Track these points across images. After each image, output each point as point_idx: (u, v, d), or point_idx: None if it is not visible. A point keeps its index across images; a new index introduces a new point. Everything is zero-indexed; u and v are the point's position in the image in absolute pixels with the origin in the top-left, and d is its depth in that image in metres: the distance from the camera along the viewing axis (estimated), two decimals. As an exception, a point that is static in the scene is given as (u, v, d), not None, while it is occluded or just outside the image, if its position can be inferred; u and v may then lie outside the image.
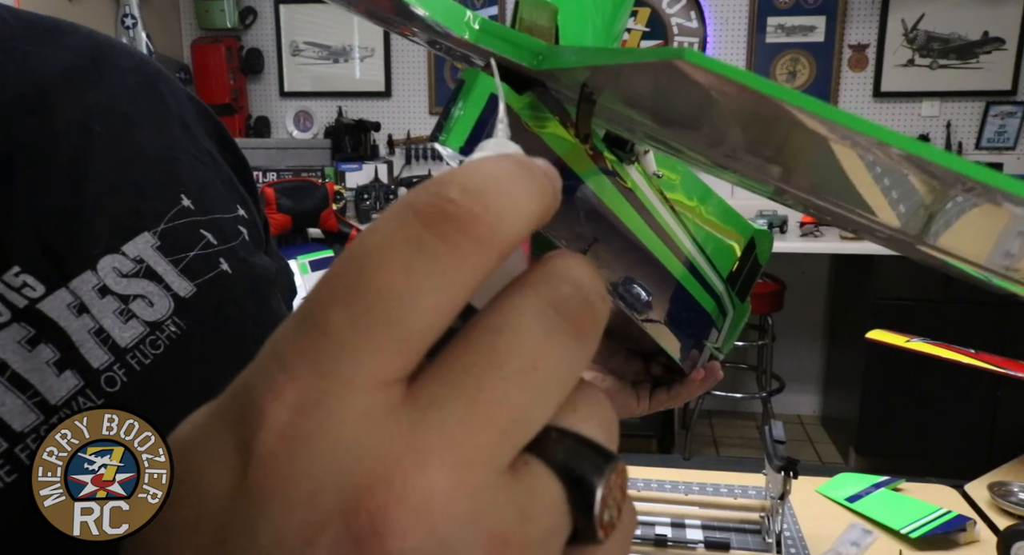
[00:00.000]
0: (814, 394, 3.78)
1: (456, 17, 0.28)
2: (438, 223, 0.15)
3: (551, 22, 0.33)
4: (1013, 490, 1.25)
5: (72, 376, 0.34)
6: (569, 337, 0.16)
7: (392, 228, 0.15)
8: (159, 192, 0.41)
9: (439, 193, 0.15)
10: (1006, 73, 3.41)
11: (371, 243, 0.15)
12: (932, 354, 1.40)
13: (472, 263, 0.15)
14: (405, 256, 0.15)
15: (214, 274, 0.41)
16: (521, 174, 0.16)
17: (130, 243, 0.38)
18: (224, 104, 3.71)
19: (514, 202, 0.16)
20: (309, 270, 2.84)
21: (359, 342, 0.15)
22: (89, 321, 0.35)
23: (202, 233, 0.41)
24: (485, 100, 0.32)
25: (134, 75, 0.44)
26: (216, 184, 0.45)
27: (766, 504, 1.11)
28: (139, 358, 0.36)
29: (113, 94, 0.42)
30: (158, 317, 0.37)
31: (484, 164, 0.16)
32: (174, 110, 0.45)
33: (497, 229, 0.16)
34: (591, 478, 0.16)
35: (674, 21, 3.58)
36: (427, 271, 0.15)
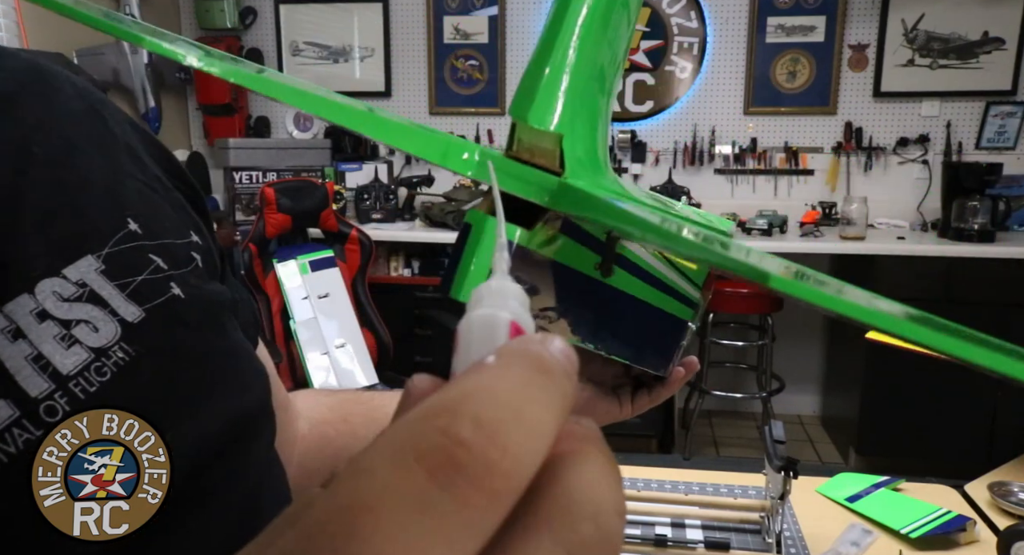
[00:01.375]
0: (814, 394, 3.78)
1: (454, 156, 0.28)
2: (447, 474, 0.13)
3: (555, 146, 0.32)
4: (1013, 490, 1.24)
5: (6, 406, 0.32)
6: None
7: (392, 477, 0.13)
8: (104, 215, 0.39)
9: (448, 432, 0.13)
10: (1006, 73, 3.41)
11: (366, 494, 0.13)
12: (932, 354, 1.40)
13: (484, 522, 0.13)
14: (406, 517, 0.13)
15: (165, 299, 0.39)
16: (539, 385, 0.14)
17: (72, 266, 0.36)
18: (224, 104, 3.72)
19: (534, 433, 0.14)
20: (309, 270, 2.84)
21: None
22: (26, 347, 0.33)
23: (151, 257, 0.40)
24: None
25: (77, 101, 0.43)
26: (166, 209, 0.44)
27: (766, 504, 1.11)
28: (83, 386, 0.34)
29: (54, 118, 0.40)
30: (104, 343, 0.35)
31: (500, 385, 0.14)
32: (119, 136, 0.44)
33: (514, 476, 0.13)
34: None
35: (674, 21, 3.58)
36: (432, 537, 0.13)
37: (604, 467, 0.15)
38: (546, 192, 0.28)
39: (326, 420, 0.63)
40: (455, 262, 0.32)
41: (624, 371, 0.58)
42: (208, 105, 3.75)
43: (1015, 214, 3.34)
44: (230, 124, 3.75)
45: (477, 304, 0.17)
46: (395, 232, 3.31)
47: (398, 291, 3.30)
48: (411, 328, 3.24)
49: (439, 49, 3.77)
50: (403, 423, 0.14)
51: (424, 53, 3.78)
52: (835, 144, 3.56)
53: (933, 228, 3.34)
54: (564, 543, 0.14)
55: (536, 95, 0.34)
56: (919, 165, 3.53)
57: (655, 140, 3.70)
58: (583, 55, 0.36)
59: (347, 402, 0.66)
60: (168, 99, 3.62)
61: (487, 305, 0.17)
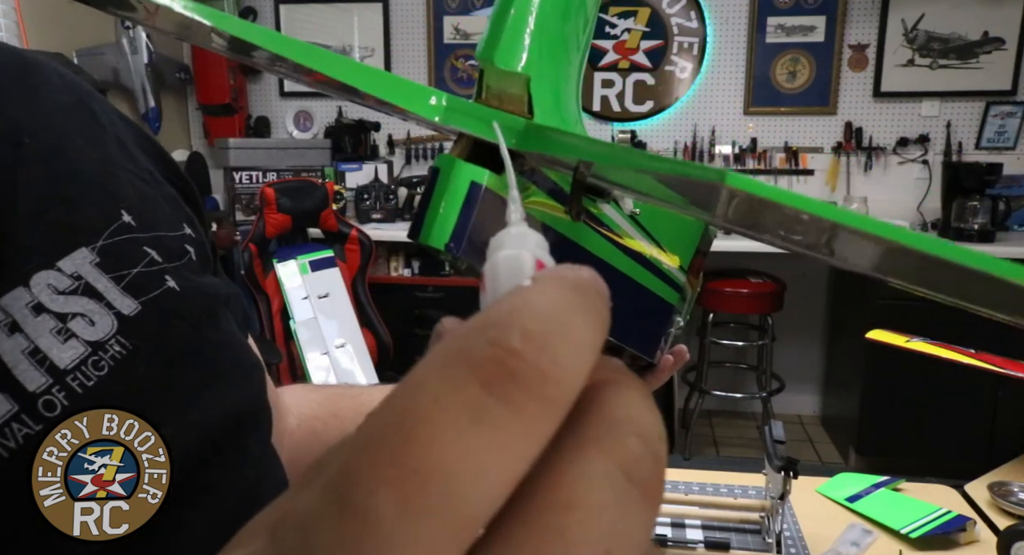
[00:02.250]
0: (814, 394, 3.78)
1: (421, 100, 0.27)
2: (500, 384, 0.13)
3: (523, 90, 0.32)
4: (1013, 490, 1.24)
5: (5, 400, 0.32)
6: (642, 507, 0.14)
7: (445, 389, 0.13)
8: (97, 207, 0.39)
9: (498, 343, 0.13)
10: (1006, 73, 3.41)
11: (420, 406, 0.13)
12: (932, 354, 1.40)
13: (538, 430, 0.13)
14: (462, 426, 0.13)
15: (160, 292, 0.38)
16: (579, 304, 0.14)
17: (66, 259, 0.36)
18: (224, 104, 3.71)
19: (580, 346, 0.14)
20: (309, 270, 2.84)
21: (410, 533, 0.12)
22: (23, 341, 0.33)
23: (145, 250, 0.39)
24: (465, 190, 0.30)
25: (65, 93, 0.42)
26: (159, 202, 0.43)
27: (766, 504, 1.11)
28: (81, 380, 0.34)
29: (43, 111, 0.40)
30: (100, 336, 0.35)
31: (544, 298, 0.14)
32: (108, 129, 0.43)
33: (565, 385, 0.13)
34: None
35: (674, 21, 3.58)
36: (488, 445, 0.13)
37: (642, 392, 0.15)
38: (513, 134, 0.28)
39: (315, 415, 0.63)
40: (424, 207, 0.31)
41: None
42: (208, 105, 3.75)
43: (1015, 214, 3.34)
44: (230, 124, 3.75)
45: (499, 248, 0.17)
46: (395, 232, 3.31)
47: (398, 291, 3.30)
48: (411, 328, 3.24)
49: (439, 49, 3.77)
50: (451, 339, 0.14)
51: (424, 53, 3.78)
52: (835, 144, 3.56)
53: (933, 228, 3.34)
54: (615, 458, 0.14)
55: (502, 36, 0.34)
56: (919, 165, 3.53)
57: (655, 140, 3.69)
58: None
59: (336, 397, 0.65)
60: (168, 99, 3.62)
61: (509, 247, 0.17)
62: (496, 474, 0.13)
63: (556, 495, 0.13)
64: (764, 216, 0.20)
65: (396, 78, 0.28)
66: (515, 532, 0.13)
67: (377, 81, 0.27)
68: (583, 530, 0.13)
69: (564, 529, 0.13)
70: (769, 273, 3.30)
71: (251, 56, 0.30)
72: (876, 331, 1.51)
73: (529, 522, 0.13)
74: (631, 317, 0.44)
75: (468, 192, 0.30)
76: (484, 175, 0.30)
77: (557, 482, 0.14)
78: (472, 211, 0.30)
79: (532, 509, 0.13)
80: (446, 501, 0.12)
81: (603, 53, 3.62)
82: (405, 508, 0.12)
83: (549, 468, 0.14)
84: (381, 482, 0.12)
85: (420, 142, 3.81)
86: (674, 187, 0.22)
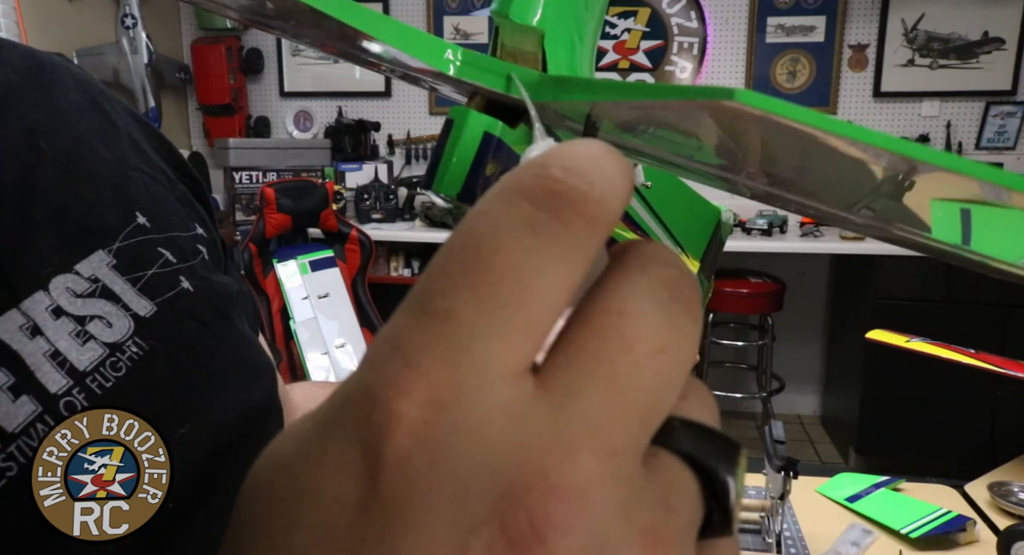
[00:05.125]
0: (814, 394, 3.78)
1: (436, 53, 0.27)
2: (549, 202, 0.15)
3: (537, 47, 0.32)
4: (1013, 490, 1.24)
5: (29, 401, 0.32)
6: (686, 318, 0.16)
7: (502, 211, 0.15)
8: (112, 209, 0.39)
9: (542, 174, 0.15)
10: (1006, 73, 3.41)
11: (483, 225, 0.15)
12: (932, 354, 1.40)
13: (586, 241, 0.15)
14: (522, 236, 0.14)
15: (175, 293, 0.39)
16: (609, 155, 0.16)
17: (83, 262, 0.36)
18: (224, 104, 3.71)
19: (613, 180, 0.16)
20: (309, 270, 2.84)
21: (488, 328, 0.14)
22: (44, 344, 0.33)
23: (160, 251, 0.40)
24: (478, 141, 0.30)
25: (78, 94, 0.43)
26: (172, 202, 0.44)
27: (766, 504, 1.11)
28: (99, 381, 0.34)
29: (57, 112, 0.40)
30: (118, 338, 0.36)
31: (576, 146, 0.16)
32: (122, 129, 0.44)
33: (604, 206, 0.15)
34: (724, 469, 0.16)
35: (674, 21, 3.58)
36: (547, 251, 0.14)
37: (672, 250, 0.17)
38: (528, 86, 0.28)
39: None
40: (437, 157, 0.31)
41: None
42: (208, 105, 3.75)
43: (1015, 214, 3.34)
44: (230, 124, 3.75)
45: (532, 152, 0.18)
46: (395, 232, 3.31)
47: (398, 291, 3.30)
48: (411, 328, 3.23)
49: (439, 49, 3.76)
50: (502, 180, 0.16)
51: (424, 53, 3.78)
52: (835, 144, 3.56)
53: (933, 228, 3.33)
54: (658, 279, 0.16)
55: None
56: (919, 165, 3.53)
57: (655, 140, 3.69)
58: None
59: None
60: (168, 99, 3.62)
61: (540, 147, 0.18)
62: (555, 276, 0.14)
63: (610, 305, 0.15)
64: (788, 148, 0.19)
65: (412, 29, 0.28)
66: (578, 335, 0.15)
67: (392, 30, 0.27)
68: (639, 331, 0.15)
69: (622, 329, 0.15)
70: (769, 273, 3.30)
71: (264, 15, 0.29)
72: (876, 331, 1.51)
73: (590, 327, 0.15)
74: None
75: (481, 142, 0.30)
76: (498, 126, 0.30)
77: (611, 296, 0.16)
78: (484, 161, 0.30)
79: (591, 318, 0.15)
80: (515, 297, 0.14)
81: (603, 53, 3.61)
82: (480, 305, 0.14)
83: (601, 288, 0.16)
84: (458, 287, 0.14)
85: (420, 142, 3.80)
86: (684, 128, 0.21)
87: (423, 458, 0.13)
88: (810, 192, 0.22)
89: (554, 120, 0.30)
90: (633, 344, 0.15)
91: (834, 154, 0.17)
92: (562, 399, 0.14)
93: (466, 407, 0.14)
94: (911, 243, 0.21)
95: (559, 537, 0.13)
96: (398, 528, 0.13)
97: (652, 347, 0.15)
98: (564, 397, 0.14)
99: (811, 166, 0.20)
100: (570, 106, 0.25)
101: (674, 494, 0.15)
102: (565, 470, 0.14)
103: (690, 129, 0.21)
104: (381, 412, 0.14)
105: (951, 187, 0.17)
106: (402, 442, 0.14)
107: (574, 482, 0.13)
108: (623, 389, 0.15)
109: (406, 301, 0.15)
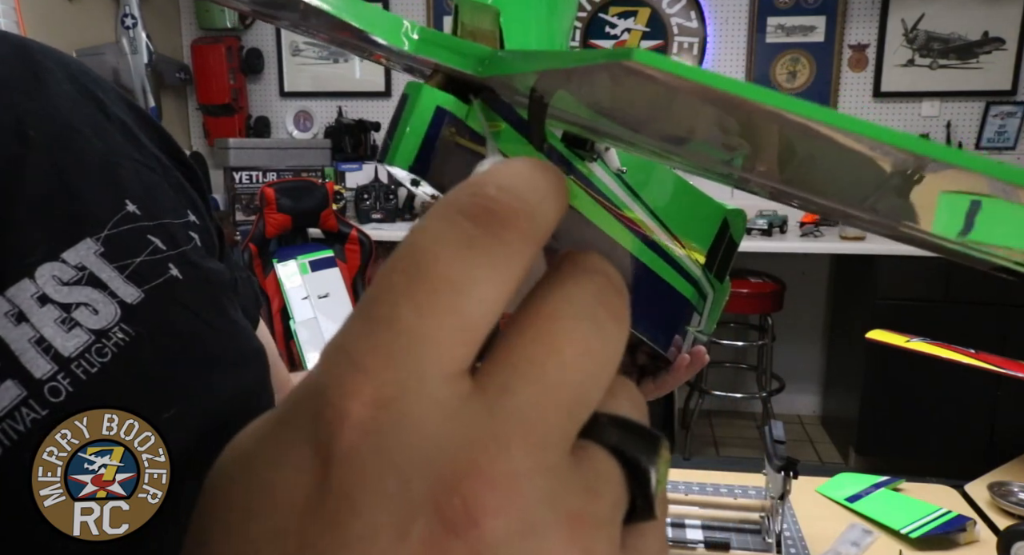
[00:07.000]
0: (814, 394, 3.78)
1: (393, 29, 0.28)
2: (483, 219, 0.16)
3: (494, 25, 0.32)
4: (1013, 490, 1.25)
5: (14, 386, 0.33)
6: (612, 323, 0.17)
7: (442, 227, 0.16)
8: (101, 198, 0.40)
9: (478, 193, 0.17)
10: (1006, 73, 3.41)
11: (424, 241, 0.16)
12: (932, 354, 1.40)
13: (519, 253, 0.16)
14: (459, 250, 0.16)
15: (163, 280, 0.39)
16: (540, 172, 0.18)
17: (71, 250, 0.37)
18: (224, 104, 3.71)
19: (544, 196, 0.17)
20: (309, 270, 2.84)
21: (428, 332, 0.15)
22: (29, 330, 0.34)
23: (149, 238, 0.40)
24: (431, 114, 0.31)
25: (71, 82, 0.43)
26: (164, 189, 0.44)
27: (766, 504, 1.11)
28: (85, 367, 0.35)
29: (49, 101, 0.41)
30: (103, 325, 0.36)
31: (512, 165, 0.17)
32: (115, 116, 0.44)
33: (535, 221, 0.17)
34: (645, 459, 0.17)
35: (674, 21, 3.58)
36: (481, 262, 0.16)
37: (606, 260, 0.19)
38: (479, 62, 0.28)
39: None
40: (392, 131, 0.32)
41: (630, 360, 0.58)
42: (208, 105, 3.75)
43: (1015, 214, 3.34)
44: (230, 124, 3.75)
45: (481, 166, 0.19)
46: (395, 232, 3.31)
47: (398, 291, 3.30)
48: (411, 328, 3.23)
49: (439, 49, 3.77)
50: (440, 201, 0.17)
51: (424, 53, 3.78)
52: (835, 144, 3.56)
53: (933, 228, 3.34)
54: (587, 288, 0.17)
55: None
56: (919, 165, 3.53)
57: (655, 140, 3.69)
58: None
59: None
60: (168, 99, 3.62)
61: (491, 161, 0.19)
62: (489, 286, 0.16)
63: (541, 310, 0.17)
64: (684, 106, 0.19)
65: (370, 6, 0.28)
66: (512, 339, 0.17)
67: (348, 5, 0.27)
68: (566, 334, 0.17)
69: (552, 333, 0.17)
70: (769, 273, 3.30)
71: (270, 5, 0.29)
72: (876, 331, 1.51)
73: (523, 331, 0.17)
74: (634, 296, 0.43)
75: (434, 115, 0.30)
76: (450, 101, 0.30)
77: (542, 303, 0.17)
78: (437, 134, 0.30)
79: (524, 323, 0.17)
80: (453, 306, 0.15)
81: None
82: (420, 312, 0.15)
83: (535, 296, 0.17)
84: (400, 296, 0.16)
85: (420, 142, 3.80)
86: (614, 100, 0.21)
87: (369, 451, 0.15)
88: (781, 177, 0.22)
89: (510, 96, 0.30)
90: (561, 346, 0.16)
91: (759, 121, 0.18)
92: (496, 397, 0.16)
93: (408, 405, 0.15)
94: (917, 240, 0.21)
95: (491, 521, 0.14)
96: (346, 515, 0.14)
97: (579, 349, 0.16)
98: (498, 395, 0.16)
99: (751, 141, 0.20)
100: (519, 80, 0.25)
101: (599, 482, 0.16)
102: (497, 461, 0.15)
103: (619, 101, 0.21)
104: (331, 410, 0.15)
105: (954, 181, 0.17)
106: (350, 437, 0.15)
107: (505, 471, 0.15)
108: (551, 387, 0.16)
109: (355, 309, 0.16)
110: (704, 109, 0.18)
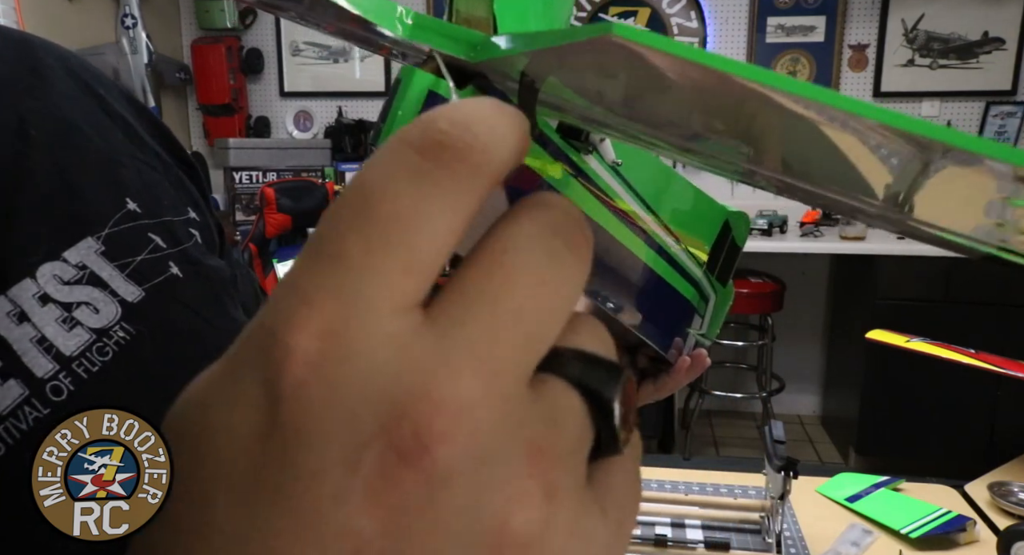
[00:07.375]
0: (814, 394, 3.78)
1: (387, 14, 0.28)
2: (434, 153, 0.16)
3: (488, 12, 0.33)
4: (1013, 490, 1.25)
5: (17, 385, 0.33)
6: (568, 254, 0.17)
7: (391, 161, 0.16)
8: (102, 197, 0.40)
9: (429, 127, 0.16)
10: (1006, 73, 3.41)
11: (373, 176, 0.16)
12: (932, 354, 1.40)
13: (470, 187, 0.16)
14: (408, 184, 0.16)
15: (163, 278, 0.40)
16: (498, 110, 0.17)
17: (72, 249, 0.37)
18: (224, 104, 3.71)
19: (499, 132, 0.17)
20: (309, 270, 2.84)
21: (376, 267, 0.15)
22: (31, 330, 0.34)
23: (150, 237, 0.40)
24: (423, 97, 0.31)
25: (71, 79, 0.43)
26: (164, 186, 0.44)
27: (766, 504, 1.12)
28: (86, 366, 0.35)
29: (50, 99, 0.41)
30: (104, 324, 0.36)
31: (465, 103, 0.17)
32: (116, 113, 0.44)
33: (488, 155, 0.16)
34: (607, 390, 0.17)
35: (674, 21, 3.58)
36: (431, 196, 0.16)
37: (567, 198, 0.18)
38: (470, 47, 0.28)
39: None
40: (384, 114, 0.32)
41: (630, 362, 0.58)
42: (208, 105, 3.75)
43: (1015, 214, 3.34)
44: (230, 124, 3.75)
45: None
46: (395, 232, 3.31)
47: (398, 291, 3.30)
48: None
49: (439, 49, 3.77)
50: (392, 135, 0.16)
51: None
52: (835, 144, 3.56)
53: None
54: (542, 222, 0.17)
55: None
56: (919, 165, 3.53)
57: (655, 140, 3.70)
58: None
59: None
60: (168, 99, 3.62)
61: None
62: (439, 220, 0.16)
63: (495, 245, 0.17)
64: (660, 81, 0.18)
65: None
66: (465, 273, 0.16)
67: None
68: (520, 265, 0.16)
69: (505, 264, 0.16)
70: (769, 273, 3.30)
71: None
72: (876, 331, 1.51)
73: (476, 265, 0.16)
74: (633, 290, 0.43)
75: (426, 99, 0.31)
76: (442, 85, 0.30)
77: (496, 236, 0.17)
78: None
79: (478, 257, 0.16)
80: (402, 240, 0.15)
81: (603, 53, 3.62)
82: (368, 246, 0.15)
83: (490, 231, 0.17)
84: (348, 231, 0.15)
85: (420, 142, 3.81)
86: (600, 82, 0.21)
87: (317, 384, 0.14)
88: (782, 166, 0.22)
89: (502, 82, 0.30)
90: (515, 277, 0.16)
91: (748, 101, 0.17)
92: (447, 329, 0.15)
93: (356, 337, 0.15)
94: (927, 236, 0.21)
95: (442, 447, 0.14)
96: (296, 449, 0.14)
97: (533, 280, 0.16)
98: (449, 327, 0.15)
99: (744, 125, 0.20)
100: (509, 64, 0.25)
101: (560, 414, 0.16)
102: (447, 388, 0.15)
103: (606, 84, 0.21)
104: (279, 347, 0.15)
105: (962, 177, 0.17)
106: (297, 371, 0.15)
107: (456, 397, 0.15)
108: (505, 318, 0.16)
109: (305, 246, 0.16)
110: (687, 87, 0.18)
